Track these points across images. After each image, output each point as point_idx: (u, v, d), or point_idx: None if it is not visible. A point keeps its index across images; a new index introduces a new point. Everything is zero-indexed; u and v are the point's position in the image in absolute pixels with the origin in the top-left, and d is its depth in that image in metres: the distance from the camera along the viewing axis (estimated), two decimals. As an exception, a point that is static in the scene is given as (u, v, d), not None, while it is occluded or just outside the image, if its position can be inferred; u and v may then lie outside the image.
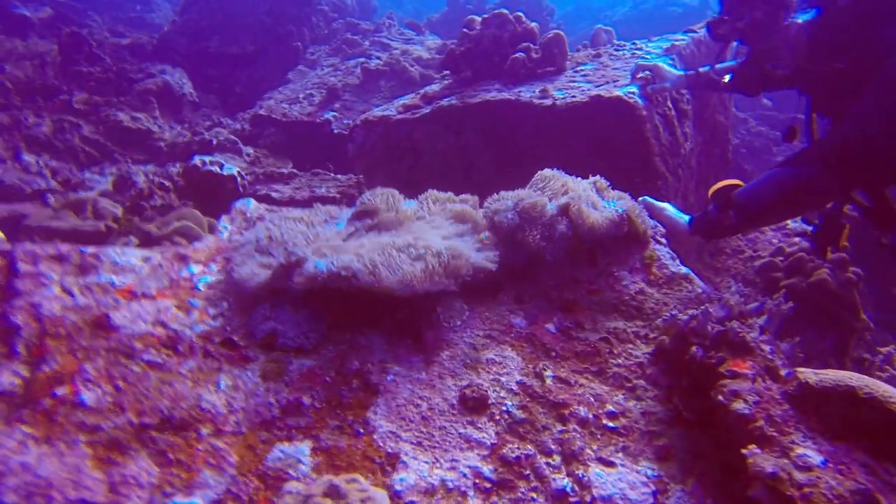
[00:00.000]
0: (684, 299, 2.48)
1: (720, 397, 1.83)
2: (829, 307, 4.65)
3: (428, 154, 4.80)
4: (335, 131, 6.48)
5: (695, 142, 4.84)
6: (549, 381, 2.07)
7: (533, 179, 2.79)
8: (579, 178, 2.81)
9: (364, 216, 2.42)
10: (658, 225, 2.79)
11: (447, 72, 5.57)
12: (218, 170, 4.37)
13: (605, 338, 2.27)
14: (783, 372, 1.93)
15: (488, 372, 2.06)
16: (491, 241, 2.40)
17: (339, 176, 5.68)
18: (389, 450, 1.78)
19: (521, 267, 2.47)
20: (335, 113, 6.68)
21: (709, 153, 5.51)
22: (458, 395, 1.95)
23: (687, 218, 2.86)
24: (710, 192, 2.75)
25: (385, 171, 4.97)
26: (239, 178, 4.51)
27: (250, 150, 6.28)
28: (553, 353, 2.19)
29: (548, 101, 4.21)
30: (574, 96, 4.13)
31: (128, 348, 1.91)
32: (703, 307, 2.25)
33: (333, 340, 2.09)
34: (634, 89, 3.92)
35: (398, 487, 1.68)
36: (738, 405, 1.78)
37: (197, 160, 4.32)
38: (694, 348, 2.03)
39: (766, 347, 2.01)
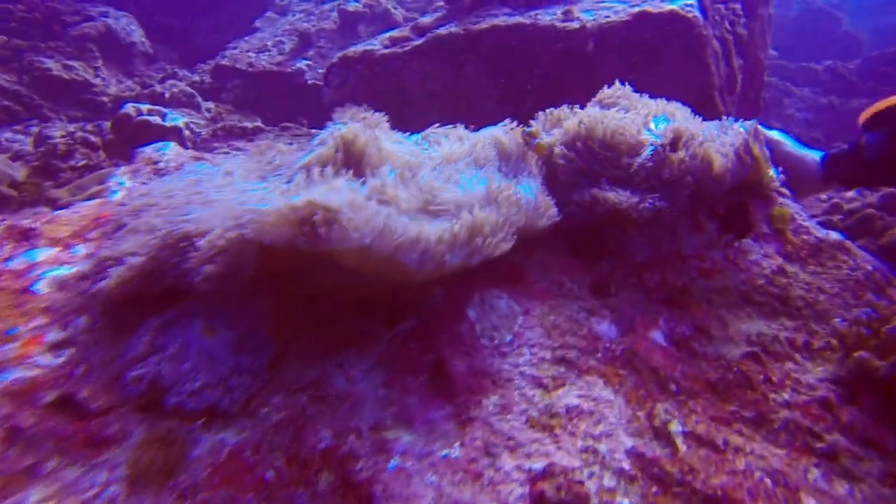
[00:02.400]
0: (849, 281, 1.49)
1: None
2: (902, 273, 3.73)
3: (420, 96, 3.68)
4: (309, 82, 5.29)
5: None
6: (680, 446, 1.07)
7: (595, 99, 1.74)
8: (658, 99, 1.77)
9: (329, 161, 1.36)
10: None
11: (440, 3, 4.38)
12: (158, 120, 3.22)
13: (751, 353, 1.27)
14: None
15: (574, 434, 1.05)
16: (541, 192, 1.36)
17: (313, 130, 4.55)
18: None
19: (588, 231, 1.44)
20: (308, 62, 5.47)
21: (745, 94, 4.47)
22: (527, 495, 0.93)
23: (817, 155, 1.83)
24: (869, 114, 1.71)
25: (369, 120, 3.84)
26: (187, 131, 3.38)
27: (211, 104, 5.07)
28: (674, 387, 1.19)
29: (574, 24, 3.10)
30: (608, 16, 3.04)
31: None
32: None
33: (284, 383, 1.06)
34: (692, 0, 2.84)
35: None
36: None
37: (129, 108, 3.17)
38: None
39: None
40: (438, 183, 1.24)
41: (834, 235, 1.61)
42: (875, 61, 7.74)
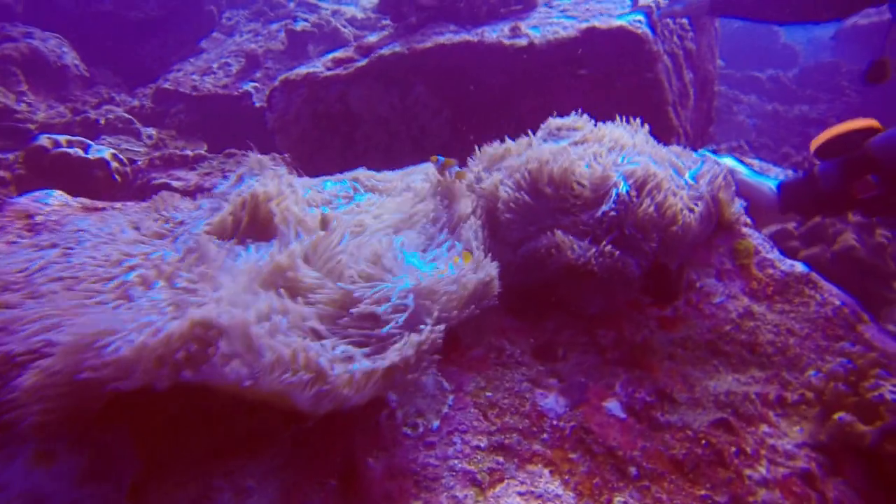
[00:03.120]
0: (818, 320, 1.33)
1: None
2: (859, 278, 3.68)
3: (368, 121, 3.47)
4: (256, 104, 5.02)
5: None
6: (645, 552, 0.88)
7: (545, 129, 1.56)
8: (617, 124, 1.60)
9: (226, 229, 1.13)
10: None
11: (387, 21, 4.19)
12: (80, 152, 2.90)
13: (721, 420, 1.08)
14: None
15: (515, 552, 0.84)
16: (479, 246, 1.16)
17: (261, 157, 4.29)
18: None
19: (536, 287, 1.25)
20: (256, 83, 5.20)
21: (698, 107, 4.41)
22: None
23: (773, 183, 1.69)
24: (820, 142, 1.57)
25: (314, 146, 3.61)
26: (115, 163, 3.07)
27: (152, 130, 4.74)
28: (633, 470, 0.99)
29: (522, 41, 2.95)
30: (557, 32, 2.89)
31: None
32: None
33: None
34: (640, 17, 2.72)
35: None
36: None
37: (44, 140, 2.85)
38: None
39: None
40: (360, 267, 1.02)
41: (799, 268, 1.46)
42: (811, 71, 7.98)
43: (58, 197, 1.49)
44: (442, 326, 0.96)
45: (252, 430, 0.93)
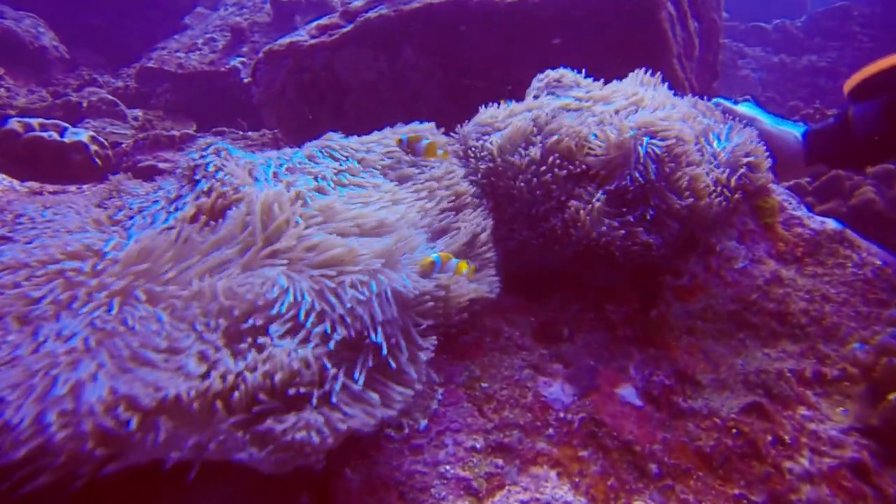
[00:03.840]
0: (856, 283, 1.17)
1: None
2: (878, 234, 3.49)
3: (356, 89, 3.25)
4: (245, 80, 4.78)
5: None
6: (671, 567, 0.74)
7: (536, 85, 1.37)
8: (631, 79, 1.41)
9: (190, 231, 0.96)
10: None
11: (373, -17, 3.92)
12: (55, 135, 2.73)
13: (753, 404, 0.93)
14: None
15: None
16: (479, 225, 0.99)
17: (250, 133, 4.07)
18: None
19: (545, 268, 1.08)
20: (243, 58, 4.95)
21: (703, 59, 4.15)
22: None
23: (797, 131, 1.48)
24: (857, 81, 1.35)
25: (302, 118, 3.41)
26: (94, 146, 2.89)
27: (138, 112, 4.54)
28: (654, 467, 0.84)
29: (514, -7, 2.71)
30: (551, -19, 2.65)
31: None
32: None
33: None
34: (641, -43, 2.47)
35: None
36: None
37: (14, 124, 2.66)
38: None
39: None
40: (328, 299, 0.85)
41: (831, 224, 1.28)
42: (819, 17, 7.55)
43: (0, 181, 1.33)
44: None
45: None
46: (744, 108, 1.51)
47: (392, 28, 3.04)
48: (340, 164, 1.18)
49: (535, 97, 1.31)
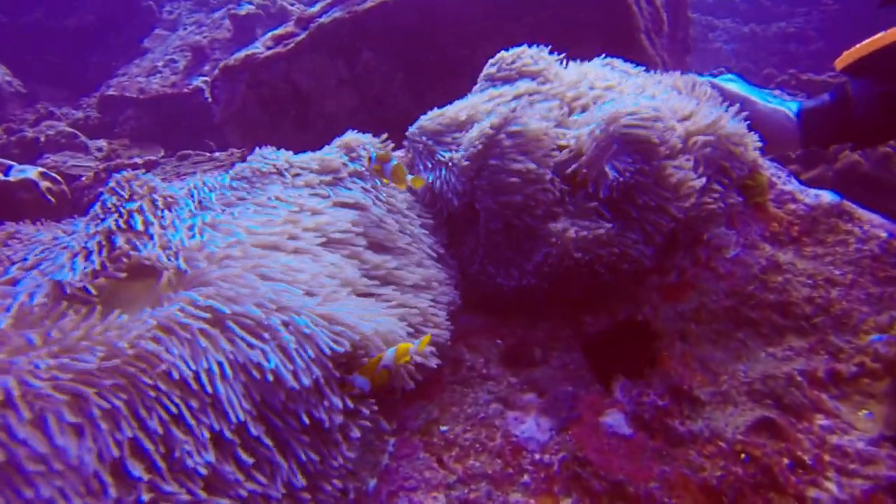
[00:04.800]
0: (862, 260, 1.03)
1: None
2: (866, 196, 3.36)
3: (318, 98, 3.09)
4: (209, 100, 4.60)
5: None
6: None
7: (489, 69, 1.22)
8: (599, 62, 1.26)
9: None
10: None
11: (327, -13, 3.75)
12: None
13: (762, 420, 0.78)
14: None
15: None
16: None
17: (217, 154, 3.90)
18: None
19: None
20: (205, 77, 4.77)
21: (673, 35, 4.01)
22: None
23: (789, 109, 1.32)
24: (853, 58, 1.18)
25: (266, 133, 3.24)
26: (45, 182, 2.72)
27: (102, 142, 4.35)
28: (653, 513, 0.70)
29: (469, -20, 2.56)
30: (506, -36, 2.50)
31: None
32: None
33: None
34: (597, -69, 2.32)
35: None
36: None
37: (-42, 168, 2.50)
38: None
39: None
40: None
41: (826, 197, 1.14)
42: (786, -17, 7.43)
43: None
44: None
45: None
46: (732, 86, 1.36)
47: (346, 30, 2.89)
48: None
49: (492, 82, 1.16)
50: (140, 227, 0.83)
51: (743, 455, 0.74)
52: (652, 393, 0.80)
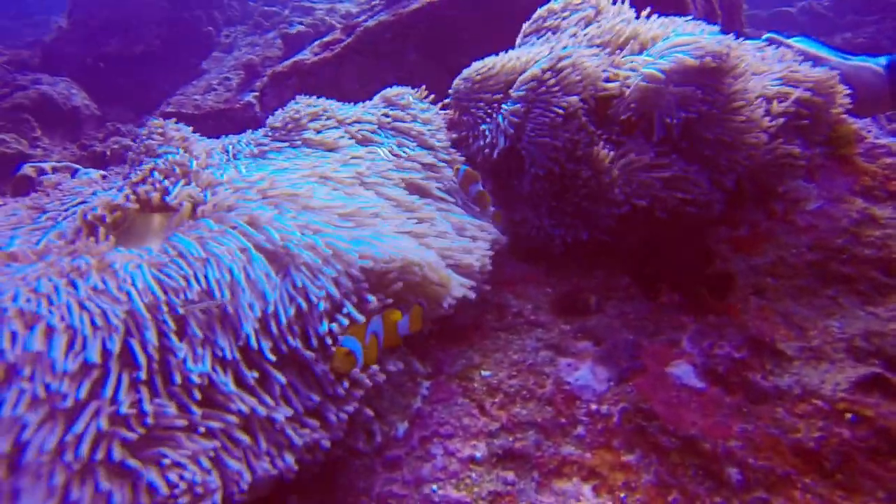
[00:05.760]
0: (978, 217, 0.88)
1: None
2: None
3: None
4: (259, 113, 4.77)
5: None
6: None
7: (530, 24, 1.16)
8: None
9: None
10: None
11: (377, 0, 3.85)
12: (67, 177, 2.73)
13: (871, 376, 0.66)
14: None
15: None
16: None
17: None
18: None
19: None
20: (256, 93, 4.96)
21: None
22: None
23: (876, 64, 1.19)
24: None
25: (311, 137, 3.29)
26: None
27: (159, 154, 4.57)
28: (735, 473, 0.58)
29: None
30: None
31: None
32: None
33: None
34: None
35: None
36: None
37: (27, 169, 2.66)
38: None
39: None
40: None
41: (927, 149, 1.00)
42: (849, -9, 7.05)
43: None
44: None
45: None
46: (802, 44, 1.25)
47: (392, 33, 2.92)
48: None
49: (537, 34, 1.10)
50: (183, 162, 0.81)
51: (849, 415, 0.61)
52: (727, 345, 0.69)
